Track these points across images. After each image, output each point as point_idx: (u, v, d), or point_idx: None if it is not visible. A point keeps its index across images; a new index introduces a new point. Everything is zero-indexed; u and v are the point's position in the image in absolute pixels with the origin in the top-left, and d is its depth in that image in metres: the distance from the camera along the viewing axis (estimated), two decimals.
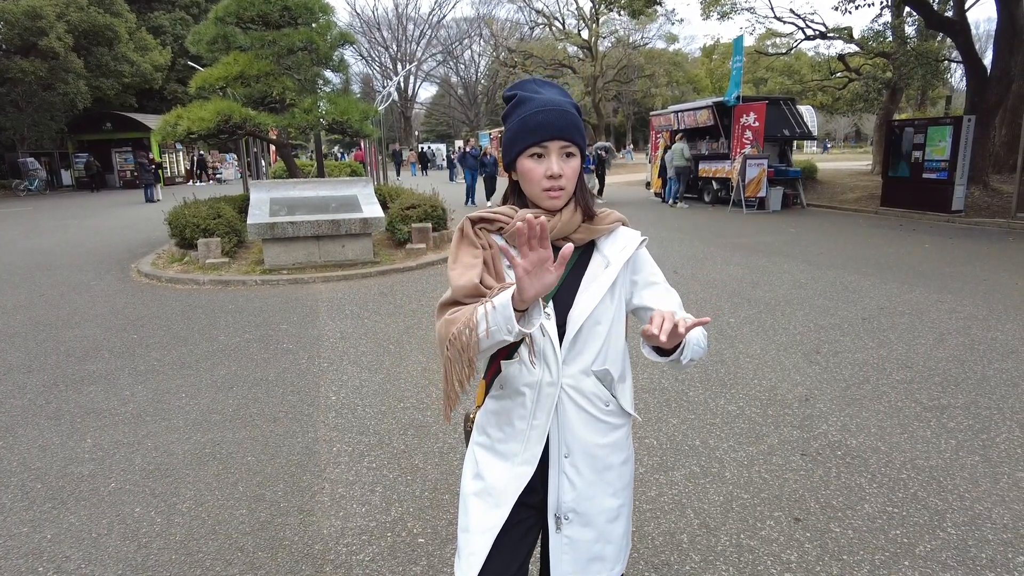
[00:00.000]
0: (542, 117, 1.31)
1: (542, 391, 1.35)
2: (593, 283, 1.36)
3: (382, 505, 2.91)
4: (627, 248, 1.41)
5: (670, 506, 2.86)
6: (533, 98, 1.35)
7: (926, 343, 5.05)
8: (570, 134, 1.33)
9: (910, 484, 3.00)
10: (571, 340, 1.34)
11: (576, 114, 1.37)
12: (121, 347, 5.33)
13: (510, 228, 1.36)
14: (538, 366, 1.34)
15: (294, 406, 4.04)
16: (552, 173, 1.32)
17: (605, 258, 1.39)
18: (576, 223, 1.37)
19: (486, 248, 1.36)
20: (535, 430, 1.36)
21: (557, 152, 1.33)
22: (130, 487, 3.10)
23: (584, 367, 1.36)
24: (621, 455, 1.45)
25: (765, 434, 3.55)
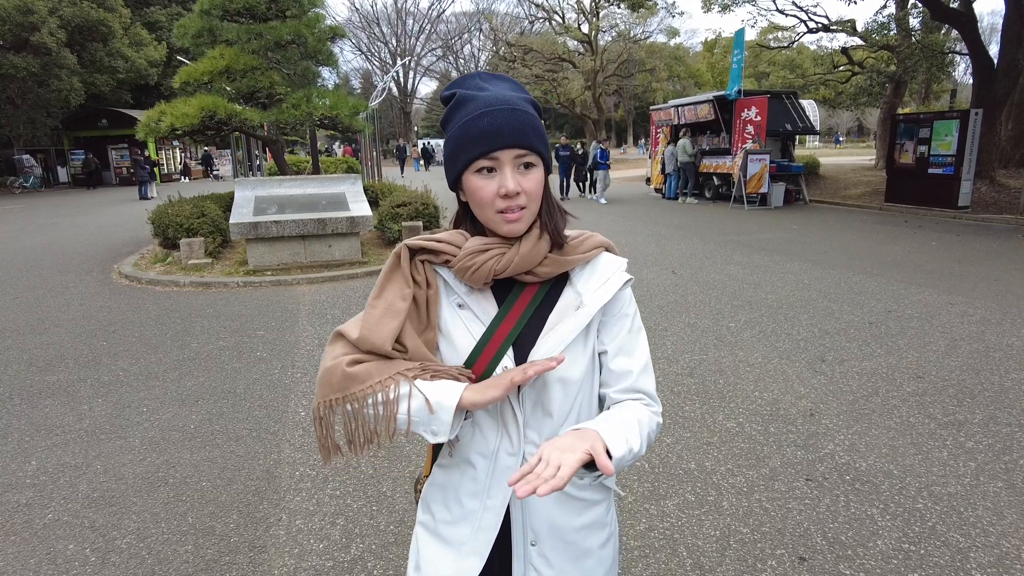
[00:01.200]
0: (487, 121, 1.01)
1: (499, 462, 1.08)
2: (560, 326, 1.08)
3: (342, 541, 2.63)
4: (608, 285, 1.11)
5: (660, 542, 2.58)
6: (476, 96, 1.04)
7: (938, 350, 4.75)
8: (526, 139, 1.02)
9: (927, 516, 2.71)
10: (532, 398, 1.08)
11: (534, 113, 1.06)
12: (88, 355, 5.06)
13: (463, 258, 1.07)
14: (494, 429, 1.08)
15: (260, 422, 3.76)
16: (507, 191, 1.02)
17: (578, 295, 1.10)
18: (541, 252, 1.07)
19: (423, 287, 1.09)
20: (489, 512, 1.10)
21: (511, 164, 1.03)
22: (68, 518, 2.83)
23: (552, 432, 1.08)
24: (602, 535, 1.17)
25: (767, 455, 3.26)
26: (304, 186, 9.09)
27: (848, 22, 20.35)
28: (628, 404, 1.11)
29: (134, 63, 27.99)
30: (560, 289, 1.12)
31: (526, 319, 1.08)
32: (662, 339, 5.12)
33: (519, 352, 1.08)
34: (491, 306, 1.10)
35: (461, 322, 1.09)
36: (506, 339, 1.07)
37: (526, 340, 1.08)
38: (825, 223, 11.94)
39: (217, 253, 8.91)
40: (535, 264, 1.07)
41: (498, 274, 1.06)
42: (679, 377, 4.32)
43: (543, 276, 1.09)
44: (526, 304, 1.09)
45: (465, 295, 1.10)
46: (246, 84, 9.90)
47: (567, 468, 0.85)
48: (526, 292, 1.09)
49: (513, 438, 1.07)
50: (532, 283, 1.09)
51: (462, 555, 1.10)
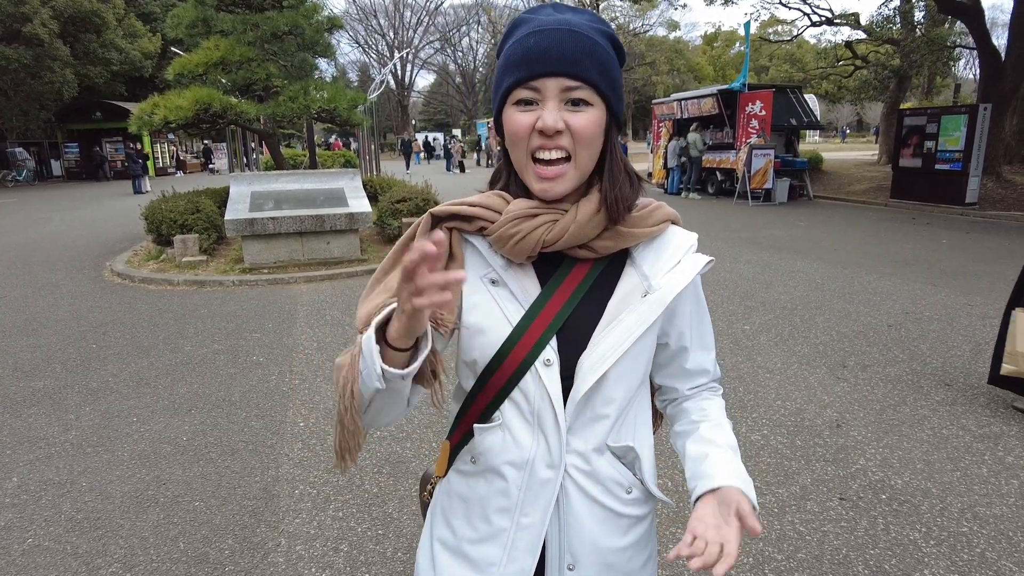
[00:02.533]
0: (535, 41, 0.81)
1: (535, 474, 0.89)
2: (623, 317, 0.88)
3: (347, 570, 2.43)
4: (682, 268, 0.91)
5: (690, 571, 2.39)
6: (533, 19, 0.84)
7: (963, 354, 4.57)
8: (580, 67, 0.81)
9: (975, 541, 2.52)
10: (581, 401, 0.88)
11: (604, 43, 0.84)
12: (76, 359, 4.84)
13: (505, 223, 0.87)
14: (530, 435, 0.89)
15: (257, 434, 3.55)
16: (544, 125, 0.81)
17: (645, 278, 0.91)
18: (602, 222, 0.87)
19: (446, 258, 0.89)
20: (524, 531, 0.91)
21: (557, 97, 0.82)
22: (49, 543, 2.62)
23: (599, 442, 0.91)
24: (644, 554, 1.00)
25: (796, 471, 3.07)
26: (301, 181, 8.85)
27: (852, 15, 20.15)
28: (709, 409, 1.00)
29: (128, 55, 27.62)
30: (618, 269, 0.92)
31: (575, 302, 0.89)
32: None
33: (565, 344, 0.88)
34: (532, 285, 0.90)
35: (495, 302, 0.89)
36: (549, 326, 0.88)
37: (574, 329, 0.89)
38: (832, 220, 11.76)
39: (212, 250, 8.68)
40: (593, 236, 0.88)
41: (547, 245, 0.87)
42: None
43: (601, 252, 0.90)
44: (576, 284, 0.90)
45: (501, 269, 0.90)
46: (242, 76, 9.64)
47: (732, 546, 0.76)
48: (576, 270, 0.90)
49: (552, 446, 0.89)
50: (585, 259, 0.91)
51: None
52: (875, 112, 32.23)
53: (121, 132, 28.69)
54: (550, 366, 0.88)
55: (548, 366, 0.88)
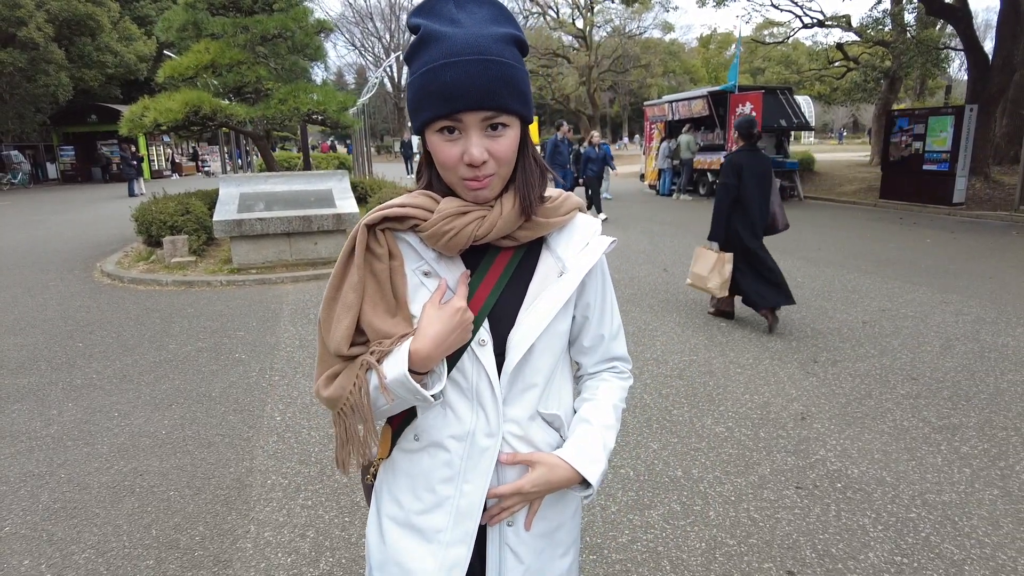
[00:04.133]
0: (451, 75, 0.85)
1: (475, 444, 0.99)
2: (543, 296, 1.00)
3: (311, 555, 2.51)
4: (591, 249, 1.03)
5: (644, 555, 2.47)
6: (444, 36, 0.87)
7: (932, 350, 4.66)
8: (496, 99, 0.87)
9: (921, 526, 2.61)
10: (512, 373, 0.99)
11: (511, 60, 0.89)
12: (62, 357, 4.92)
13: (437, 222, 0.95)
14: (469, 409, 0.99)
15: (233, 428, 3.63)
16: (471, 159, 0.89)
17: (559, 260, 1.02)
18: (519, 216, 0.97)
19: (384, 260, 0.97)
20: (467, 497, 1.00)
21: (478, 127, 0.89)
22: (26, 531, 2.70)
23: (531, 410, 1.02)
24: (572, 505, 1.14)
25: (756, 462, 3.16)
26: (291, 183, 8.94)
27: (843, 17, 20.24)
28: (601, 389, 1.11)
29: (123, 58, 27.66)
30: (536, 254, 1.03)
31: (502, 286, 0.99)
32: (652, 339, 5.01)
33: (496, 324, 0.99)
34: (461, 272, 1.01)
35: (428, 292, 0.98)
36: (481, 310, 0.98)
37: (503, 310, 0.99)
38: (819, 220, 11.85)
39: (201, 251, 8.75)
40: (516, 227, 0.98)
41: (478, 240, 0.96)
42: (667, 379, 4.21)
43: (522, 240, 1.00)
44: (501, 271, 1.00)
45: (433, 262, 1.00)
46: (232, 79, 9.72)
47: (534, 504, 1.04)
48: (500, 258, 1.00)
49: (490, 417, 0.99)
50: (507, 248, 1.01)
51: (444, 545, 1.00)
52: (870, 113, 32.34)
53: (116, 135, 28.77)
54: (484, 346, 0.98)
55: (483, 346, 0.98)
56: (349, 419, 0.97)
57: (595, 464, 1.02)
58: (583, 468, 1.00)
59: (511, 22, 0.92)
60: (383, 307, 0.97)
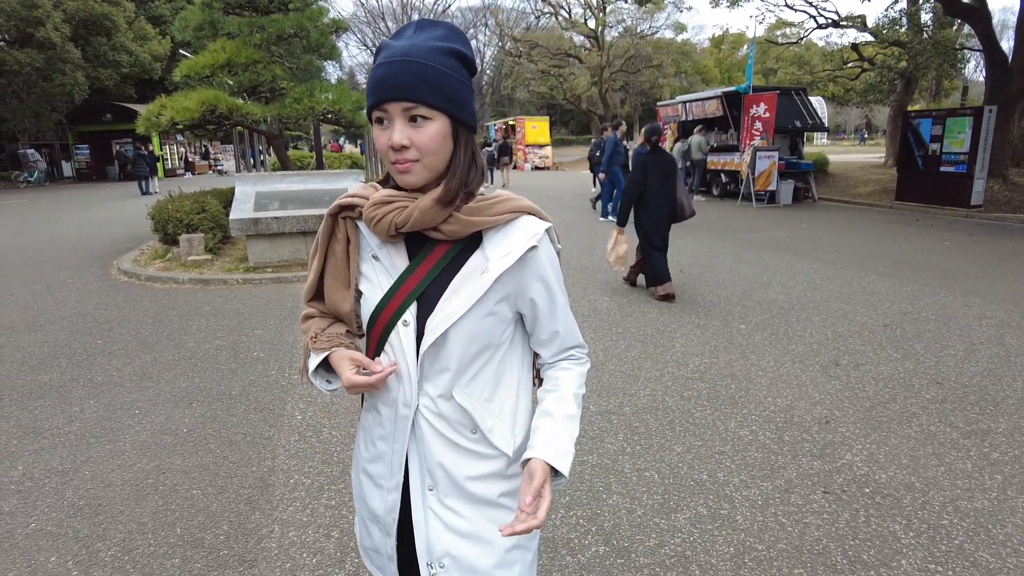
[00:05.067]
0: (379, 73, 1.03)
1: (398, 411, 1.14)
2: (462, 290, 1.09)
3: (336, 555, 2.50)
4: (514, 250, 1.08)
5: (672, 560, 2.44)
6: (388, 46, 1.05)
7: (956, 354, 4.60)
8: (413, 92, 1.01)
9: (954, 533, 2.56)
10: (428, 354, 1.10)
11: (439, 65, 1.03)
12: (82, 354, 4.94)
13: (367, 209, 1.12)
14: (395, 380, 1.13)
15: (255, 426, 3.63)
16: (391, 143, 1.04)
17: (486, 260, 1.10)
18: (440, 210, 1.07)
19: (342, 242, 1.17)
20: (395, 455, 1.17)
21: (400, 116, 1.03)
22: (52, 528, 2.71)
23: (444, 390, 1.12)
24: (503, 486, 1.19)
25: (781, 466, 3.12)
26: (306, 182, 8.95)
27: (858, 18, 20.05)
28: (561, 379, 1.20)
29: (138, 57, 27.88)
30: (472, 251, 1.11)
31: (432, 276, 1.10)
32: (671, 341, 4.98)
33: (423, 308, 1.10)
34: (402, 260, 1.13)
35: (375, 273, 1.14)
36: (410, 294, 1.10)
37: (430, 298, 1.10)
38: (835, 222, 11.76)
39: (217, 249, 8.79)
40: (438, 221, 1.07)
41: (399, 227, 1.08)
42: (689, 381, 4.17)
43: (450, 235, 1.09)
44: (435, 262, 1.11)
45: (378, 248, 1.14)
46: (248, 78, 9.76)
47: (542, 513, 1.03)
48: (436, 250, 1.11)
49: (407, 390, 1.11)
50: (443, 241, 1.11)
51: (385, 490, 1.19)
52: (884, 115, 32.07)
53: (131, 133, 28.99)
54: (407, 326, 1.10)
55: (406, 326, 1.10)
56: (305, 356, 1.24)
57: (565, 456, 1.10)
58: (555, 461, 1.08)
59: (458, 40, 1.08)
60: (340, 280, 1.17)
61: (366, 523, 1.27)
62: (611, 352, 4.74)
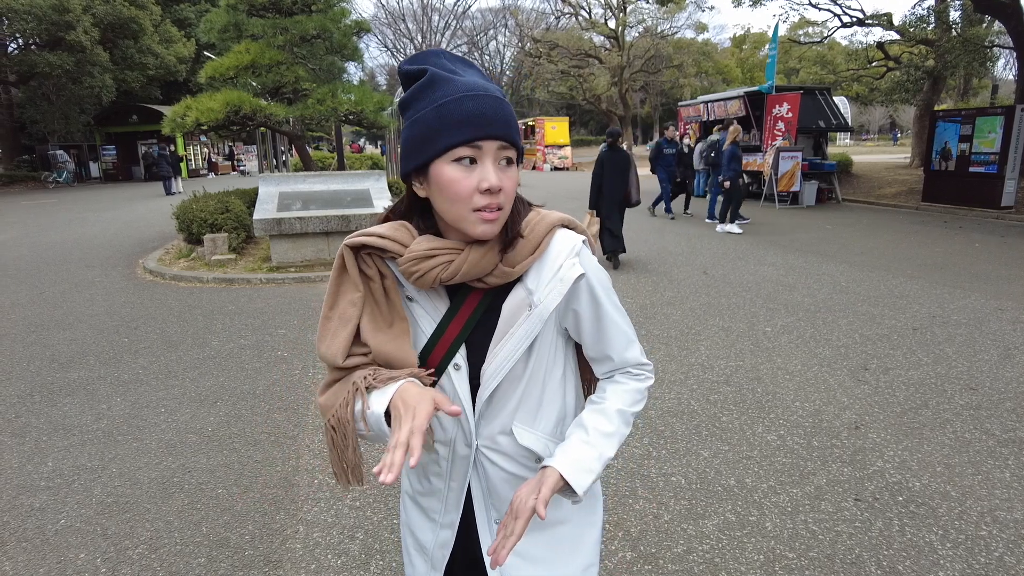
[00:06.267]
0: (473, 105, 0.91)
1: (456, 451, 1.11)
2: (511, 333, 1.03)
3: (361, 557, 2.49)
4: (561, 276, 1.02)
5: (701, 567, 2.40)
6: (453, 79, 0.94)
7: (990, 359, 4.48)
8: (511, 132, 0.95)
9: (993, 545, 2.49)
10: (486, 401, 1.06)
11: (511, 107, 0.98)
12: (109, 352, 5.01)
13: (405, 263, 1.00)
14: (451, 420, 1.09)
15: (279, 426, 3.65)
16: (490, 185, 0.92)
17: (529, 292, 1.03)
18: (492, 261, 1.00)
19: (376, 279, 1.04)
20: (452, 493, 1.14)
21: (494, 156, 0.94)
22: (81, 524, 2.74)
23: (504, 427, 1.09)
24: (566, 504, 1.14)
25: (811, 472, 3.06)
26: (328, 182, 9.01)
27: (884, 16, 19.70)
28: (612, 387, 1.12)
29: (164, 60, 28.30)
30: (509, 285, 1.05)
31: (477, 317, 1.05)
32: (695, 343, 4.91)
33: (472, 350, 1.05)
34: (442, 302, 1.06)
35: (413, 317, 1.07)
36: (457, 338, 1.05)
37: (479, 339, 1.05)
38: (860, 223, 11.56)
39: (241, 249, 8.88)
40: (485, 273, 1.00)
41: (444, 282, 1.01)
42: (715, 384, 4.12)
43: (491, 285, 1.02)
44: (476, 302, 1.05)
45: (414, 290, 1.07)
46: (271, 79, 9.86)
47: (521, 522, 0.96)
48: (473, 294, 1.05)
49: (466, 431, 1.08)
50: (479, 289, 1.04)
51: (438, 526, 1.16)
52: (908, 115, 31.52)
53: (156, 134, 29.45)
54: (459, 370, 1.05)
55: (458, 370, 1.05)
56: (336, 433, 1.01)
57: (585, 474, 1.02)
58: (571, 476, 1.01)
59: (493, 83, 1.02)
60: (381, 320, 1.03)
61: (411, 552, 1.23)
62: None
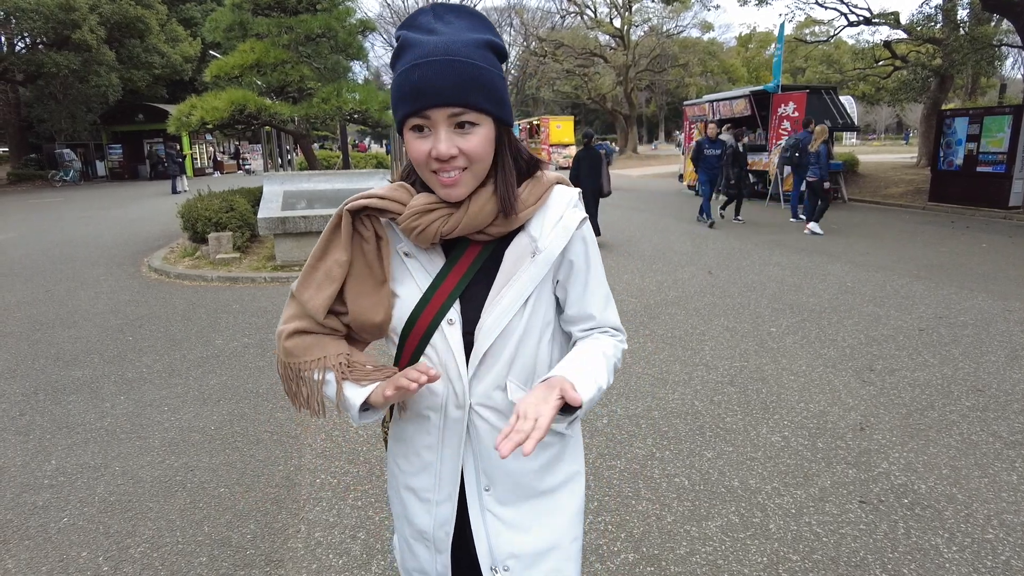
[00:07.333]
0: (419, 75, 0.91)
1: (448, 415, 1.07)
2: (512, 281, 1.02)
3: (362, 557, 2.49)
4: (562, 226, 1.04)
5: (703, 568, 2.38)
6: (419, 43, 0.92)
7: (997, 360, 4.45)
8: (462, 96, 0.91)
9: (1000, 548, 2.46)
10: (481, 357, 1.04)
11: (482, 63, 0.93)
12: (113, 351, 5.02)
13: (407, 218, 1.01)
14: (441, 383, 1.06)
15: (281, 425, 3.65)
16: (437, 153, 0.93)
17: (533, 240, 1.03)
18: (491, 212, 1.00)
19: (371, 241, 1.06)
20: (446, 463, 1.10)
21: (446, 124, 0.93)
22: (83, 523, 2.74)
23: (499, 382, 1.06)
24: (558, 475, 1.15)
25: (815, 473, 3.04)
26: (333, 181, 9.01)
27: (891, 14, 19.60)
28: (593, 338, 1.10)
29: (170, 59, 28.37)
30: (511, 234, 1.04)
31: (475, 270, 1.04)
32: (700, 344, 4.89)
33: (467, 306, 1.04)
34: (438, 257, 1.06)
35: (408, 272, 1.07)
36: (451, 292, 1.04)
37: (475, 293, 1.04)
38: (866, 223, 11.51)
39: (245, 248, 8.89)
40: (485, 225, 1.01)
41: (445, 235, 1.01)
42: (719, 385, 4.09)
43: (494, 235, 1.03)
44: (475, 255, 1.04)
45: (411, 246, 1.07)
46: (276, 78, 9.87)
47: (544, 419, 0.86)
48: (472, 246, 1.05)
49: (458, 391, 1.05)
50: (479, 241, 1.05)
51: (434, 504, 1.12)
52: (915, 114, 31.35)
53: (162, 133, 29.54)
54: (453, 325, 1.03)
55: (451, 325, 1.03)
56: (291, 381, 1.08)
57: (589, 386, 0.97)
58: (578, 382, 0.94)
59: (488, 30, 0.98)
60: (370, 282, 1.05)
61: (409, 542, 1.19)
62: (639, 355, 4.68)
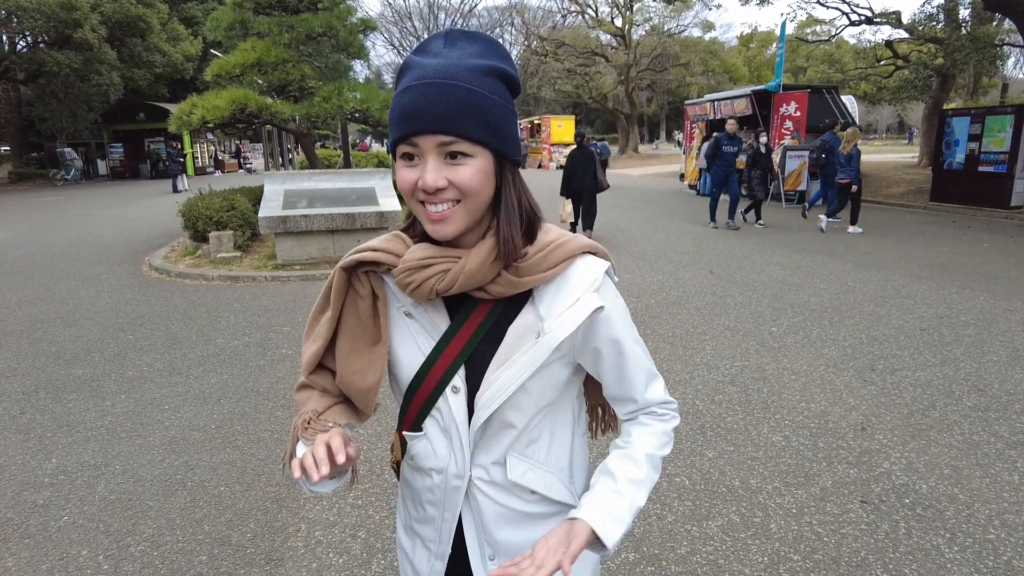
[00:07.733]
0: (409, 98, 0.84)
1: (449, 480, 1.02)
2: (516, 357, 0.93)
3: (363, 556, 2.48)
4: (575, 310, 0.92)
5: (704, 568, 2.38)
6: (418, 65, 0.86)
7: (999, 360, 4.44)
8: (452, 124, 0.83)
9: (1001, 548, 2.46)
10: (482, 427, 0.97)
11: (483, 90, 0.85)
12: (114, 349, 5.02)
13: (400, 273, 0.94)
14: (445, 447, 1.01)
15: (282, 424, 3.64)
16: (424, 185, 0.85)
17: (540, 319, 0.93)
18: (493, 269, 0.90)
19: (367, 299, 0.98)
20: (446, 524, 1.05)
21: (435, 153, 0.85)
22: (83, 521, 2.74)
23: (500, 456, 1.00)
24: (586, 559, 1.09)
25: (816, 473, 3.03)
26: (334, 180, 9.01)
27: (893, 14, 19.57)
28: (637, 429, 1.03)
29: (171, 58, 28.39)
30: (520, 306, 0.95)
31: (480, 336, 0.95)
32: (701, 343, 4.89)
33: (472, 372, 0.96)
34: (442, 319, 0.97)
35: (409, 333, 0.99)
36: (457, 357, 0.96)
37: (480, 361, 0.96)
38: (867, 222, 11.47)
39: (246, 247, 8.89)
40: (486, 282, 0.91)
41: (442, 293, 0.92)
42: (720, 385, 4.09)
43: (495, 295, 0.93)
44: (480, 320, 0.96)
45: (412, 305, 0.98)
46: (277, 77, 9.87)
47: (545, 571, 0.83)
48: (481, 307, 0.96)
49: (459, 460, 1.00)
50: (485, 300, 0.95)
51: (432, 554, 1.08)
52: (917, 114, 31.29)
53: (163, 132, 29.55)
54: (457, 393, 0.97)
55: (456, 393, 0.97)
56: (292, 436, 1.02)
57: (616, 524, 0.92)
58: (601, 528, 0.91)
59: (500, 57, 0.89)
60: (362, 341, 0.98)
61: (407, 570, 1.16)
62: None
